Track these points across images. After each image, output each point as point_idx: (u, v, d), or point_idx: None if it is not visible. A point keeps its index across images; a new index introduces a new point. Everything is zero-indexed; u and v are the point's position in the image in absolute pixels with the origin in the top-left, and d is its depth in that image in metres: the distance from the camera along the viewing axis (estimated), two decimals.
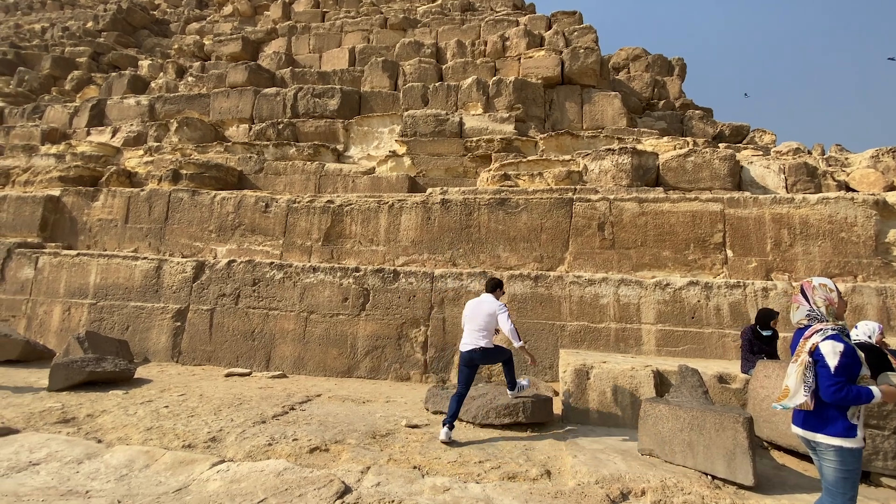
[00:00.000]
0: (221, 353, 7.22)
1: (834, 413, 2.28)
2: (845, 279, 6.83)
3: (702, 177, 7.92)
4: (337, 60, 13.27)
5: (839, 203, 7.04)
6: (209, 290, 7.51)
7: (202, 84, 12.83)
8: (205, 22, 17.70)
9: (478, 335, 4.29)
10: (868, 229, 6.90)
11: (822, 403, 2.30)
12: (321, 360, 7.02)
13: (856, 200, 7.03)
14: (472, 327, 4.35)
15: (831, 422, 2.28)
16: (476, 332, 4.31)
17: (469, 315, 4.42)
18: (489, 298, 4.47)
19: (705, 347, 6.30)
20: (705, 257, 7.19)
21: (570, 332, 6.48)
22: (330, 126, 10.80)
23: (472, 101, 10.63)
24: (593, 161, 8.14)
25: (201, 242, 8.59)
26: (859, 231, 6.91)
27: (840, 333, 2.34)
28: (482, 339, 4.28)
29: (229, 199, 8.66)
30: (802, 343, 2.38)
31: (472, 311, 4.42)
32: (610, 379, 4.66)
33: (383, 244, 8.01)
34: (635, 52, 15.42)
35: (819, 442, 2.31)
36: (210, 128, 11.22)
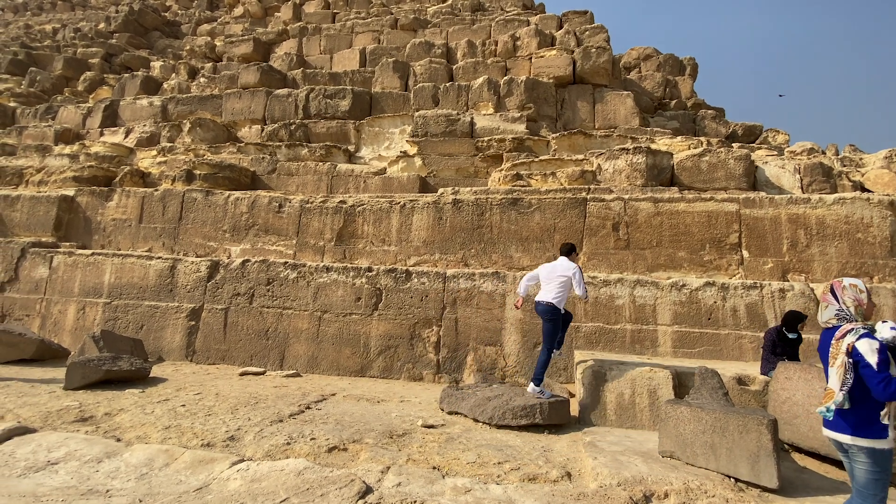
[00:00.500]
0: (236, 353, 7.26)
1: (865, 414, 2.24)
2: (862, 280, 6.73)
3: (717, 177, 7.85)
4: (348, 61, 13.30)
5: (855, 204, 6.94)
6: (223, 290, 7.55)
7: (214, 85, 12.92)
8: (216, 23, 17.83)
9: (551, 293, 4.82)
10: (884, 230, 6.80)
11: (854, 405, 2.26)
12: (335, 360, 7.03)
13: (871, 201, 6.93)
14: (548, 287, 4.87)
15: (863, 423, 2.25)
16: (551, 291, 4.83)
17: (545, 276, 4.95)
18: (564, 261, 4.95)
19: (722, 349, 6.24)
20: (721, 258, 7.13)
21: (584, 334, 6.44)
22: (341, 127, 10.83)
23: (483, 101, 10.60)
24: (607, 160, 8.09)
25: (215, 242, 8.64)
26: (875, 232, 6.82)
27: (870, 332, 2.31)
28: (554, 298, 4.80)
29: (243, 200, 8.71)
30: (835, 344, 2.34)
31: (548, 273, 4.93)
32: (628, 381, 4.62)
33: (395, 244, 8.01)
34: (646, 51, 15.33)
35: (850, 444, 2.27)
36: (223, 128, 11.30)
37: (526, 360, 6.47)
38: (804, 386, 3.86)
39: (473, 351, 6.65)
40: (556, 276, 4.83)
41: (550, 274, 4.91)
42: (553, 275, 4.87)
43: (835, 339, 2.35)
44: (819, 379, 3.81)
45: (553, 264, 5.02)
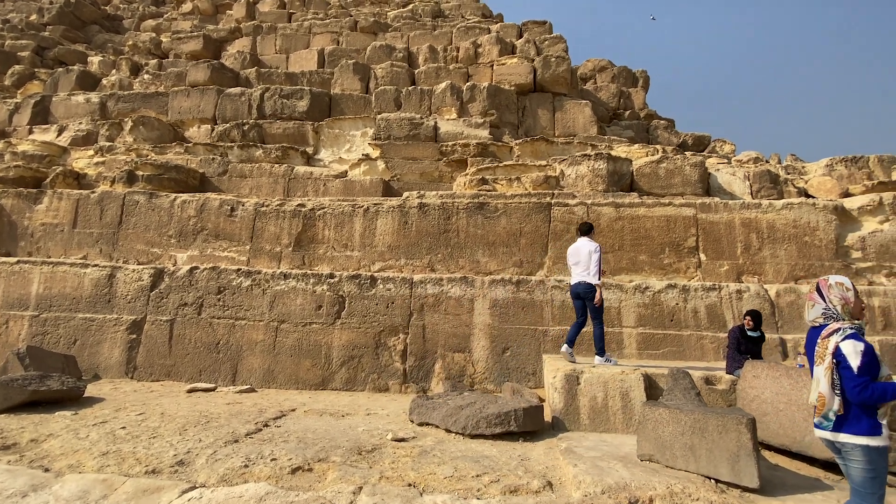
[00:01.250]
0: (182, 368, 6.70)
1: (858, 412, 2.23)
2: (809, 281, 7.10)
3: (674, 183, 8.09)
4: (305, 62, 12.89)
5: (802, 208, 7.34)
6: (169, 300, 6.98)
7: (160, 82, 12.15)
8: (162, 19, 16.86)
9: (584, 273, 5.12)
10: (829, 233, 7.22)
11: (846, 404, 2.25)
12: (293, 373, 6.63)
13: (817, 206, 7.35)
14: (578, 269, 5.17)
15: (855, 421, 2.24)
16: (583, 271, 5.12)
17: (573, 259, 5.25)
18: (586, 240, 5.23)
19: (684, 349, 6.36)
20: (680, 261, 7.32)
21: (552, 337, 6.39)
22: (299, 128, 10.42)
23: (447, 106, 10.53)
24: (570, 166, 8.18)
25: (159, 249, 8.01)
26: (821, 235, 7.22)
27: (858, 332, 2.31)
28: (587, 275, 5.08)
29: (191, 203, 8.14)
30: (821, 344, 2.33)
31: (576, 254, 5.22)
32: (600, 383, 4.57)
33: (358, 249, 7.71)
34: (601, 63, 15.82)
35: (844, 442, 2.26)
36: (168, 128, 10.59)
37: (495, 365, 6.34)
38: (772, 384, 3.94)
39: (442, 358, 6.45)
40: (585, 256, 5.12)
41: (577, 255, 5.19)
42: (580, 255, 5.16)
43: (821, 338, 2.35)
44: (787, 377, 3.89)
45: (576, 246, 5.28)
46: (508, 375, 6.28)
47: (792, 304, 6.56)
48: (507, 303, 6.54)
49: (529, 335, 6.42)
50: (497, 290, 6.58)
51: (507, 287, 6.59)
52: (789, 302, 6.57)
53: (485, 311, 6.53)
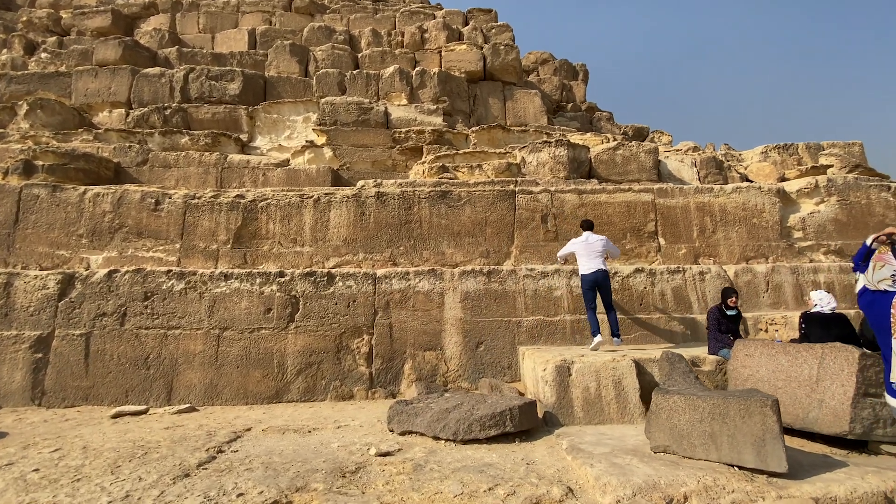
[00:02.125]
0: (104, 389, 5.67)
1: None
2: (759, 261, 7.41)
3: (630, 169, 8.15)
4: (234, 42, 11.73)
5: (750, 192, 7.64)
6: (83, 310, 5.89)
7: (60, 62, 10.49)
8: None
9: (598, 261, 5.57)
10: (774, 215, 7.57)
11: None
12: (241, 386, 5.83)
13: (762, 189, 7.68)
14: (589, 257, 5.59)
15: None
16: (595, 259, 5.57)
17: (584, 250, 5.67)
18: (592, 234, 5.80)
19: (655, 333, 6.34)
20: (641, 245, 7.35)
21: (526, 328, 6.12)
22: (231, 112, 9.40)
23: (396, 92, 9.98)
24: (531, 153, 7.97)
25: (67, 251, 6.80)
26: (767, 217, 7.55)
27: None
28: (602, 263, 5.59)
29: (105, 196, 6.98)
30: None
31: (586, 245, 5.69)
32: (592, 373, 4.33)
33: (309, 244, 7.00)
34: (543, 56, 15.92)
35: None
36: (73, 112, 9.13)
37: (469, 361, 5.96)
38: (768, 361, 3.88)
39: (412, 358, 5.96)
40: (596, 247, 5.65)
41: (589, 248, 5.67)
42: (592, 248, 5.66)
43: None
44: (784, 353, 3.85)
45: (585, 239, 5.77)
46: (483, 371, 5.92)
47: (749, 283, 6.77)
48: (478, 295, 6.17)
49: (503, 327, 6.10)
50: (468, 281, 6.19)
51: (479, 278, 6.22)
52: (746, 281, 6.78)
53: (456, 304, 6.12)
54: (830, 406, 3.59)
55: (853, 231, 7.73)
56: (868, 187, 7.88)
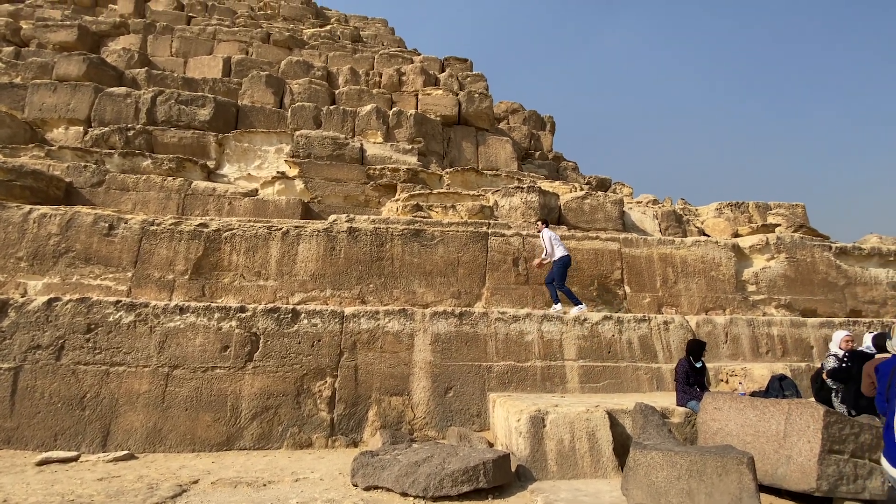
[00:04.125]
0: (30, 431, 5.06)
1: None
2: (717, 312, 7.69)
3: (597, 218, 8.41)
4: (208, 69, 11.57)
5: (708, 245, 8.02)
6: (14, 341, 5.32)
7: (16, 73, 9.97)
8: (23, 5, 14.18)
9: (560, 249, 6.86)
10: (730, 269, 7.95)
11: None
12: (188, 430, 5.35)
13: (719, 244, 8.09)
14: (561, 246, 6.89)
15: None
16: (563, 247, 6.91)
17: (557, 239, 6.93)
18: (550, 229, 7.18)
19: (622, 381, 6.37)
20: (608, 293, 7.50)
21: (497, 374, 6.00)
22: (199, 139, 9.13)
23: (372, 129, 10.04)
24: (503, 197, 8.11)
25: (2, 274, 6.21)
26: (724, 270, 7.92)
27: None
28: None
29: (53, 217, 6.49)
30: None
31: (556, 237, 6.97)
32: (566, 424, 4.24)
33: (274, 278, 6.71)
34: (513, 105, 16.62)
35: None
36: (24, 126, 8.60)
37: (437, 408, 5.74)
38: (737, 416, 3.93)
39: (377, 403, 5.68)
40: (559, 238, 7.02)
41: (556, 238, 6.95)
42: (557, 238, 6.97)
43: None
44: (752, 408, 3.91)
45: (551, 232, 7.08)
46: (452, 419, 5.71)
47: (709, 334, 6.98)
48: (449, 337, 6.03)
49: (473, 372, 5.96)
50: (439, 323, 6.06)
51: (450, 320, 6.10)
52: (707, 332, 6.99)
53: (426, 347, 5.95)
54: (798, 462, 3.64)
55: (800, 286, 8.21)
56: (812, 246, 8.45)
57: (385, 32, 16.75)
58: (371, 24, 16.80)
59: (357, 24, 16.42)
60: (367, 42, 15.13)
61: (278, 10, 15.27)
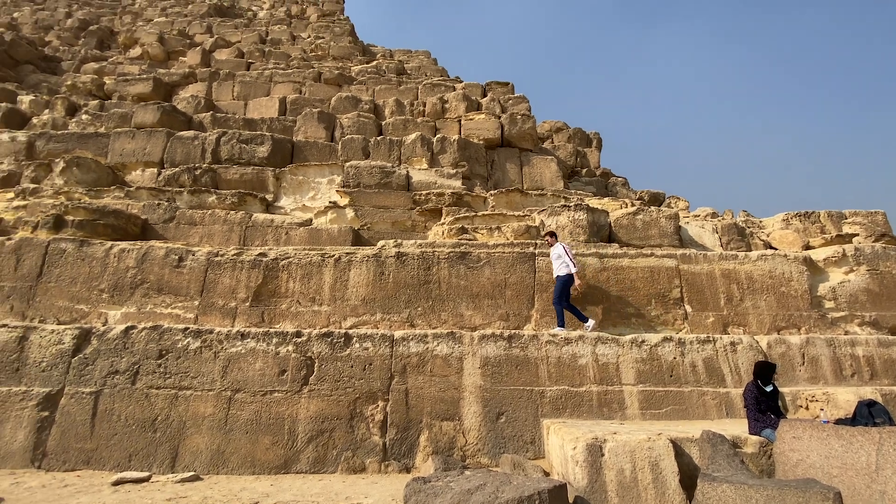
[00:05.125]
0: (107, 452, 5.43)
1: None
2: (791, 331, 7.10)
3: (651, 234, 8.10)
4: (265, 109, 12.40)
5: (776, 260, 7.48)
6: (95, 367, 5.79)
7: (100, 123, 11.14)
8: (106, 63, 15.94)
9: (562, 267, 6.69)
10: (802, 284, 7.35)
11: None
12: (249, 453, 5.54)
13: (788, 257, 7.53)
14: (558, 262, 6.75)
15: None
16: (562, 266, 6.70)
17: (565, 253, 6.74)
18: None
19: (687, 408, 5.98)
20: (666, 313, 7.13)
21: (550, 399, 5.82)
22: (258, 174, 9.74)
23: (417, 157, 10.30)
24: (549, 217, 8.01)
25: (87, 305, 6.82)
26: (796, 286, 7.34)
27: None
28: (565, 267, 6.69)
29: (131, 252, 7.09)
30: None
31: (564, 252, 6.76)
32: (626, 453, 4.02)
33: (328, 304, 6.93)
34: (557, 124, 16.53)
35: None
36: (107, 170, 9.55)
37: (489, 434, 5.62)
38: (819, 445, 3.57)
39: (428, 428, 5.65)
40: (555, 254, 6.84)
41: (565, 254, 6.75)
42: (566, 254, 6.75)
43: None
44: (836, 437, 3.54)
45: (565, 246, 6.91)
46: (504, 445, 5.57)
47: (783, 355, 6.45)
48: (499, 361, 5.95)
49: (525, 397, 5.81)
50: (488, 346, 6.00)
51: (499, 343, 6.02)
52: (780, 353, 6.46)
53: (475, 370, 5.89)
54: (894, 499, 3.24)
55: (887, 301, 7.45)
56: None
57: (428, 63, 17.33)
58: (414, 57, 17.44)
59: (401, 58, 17.11)
60: (411, 74, 15.70)
61: (328, 51, 16.22)
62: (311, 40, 17.26)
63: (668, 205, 13.43)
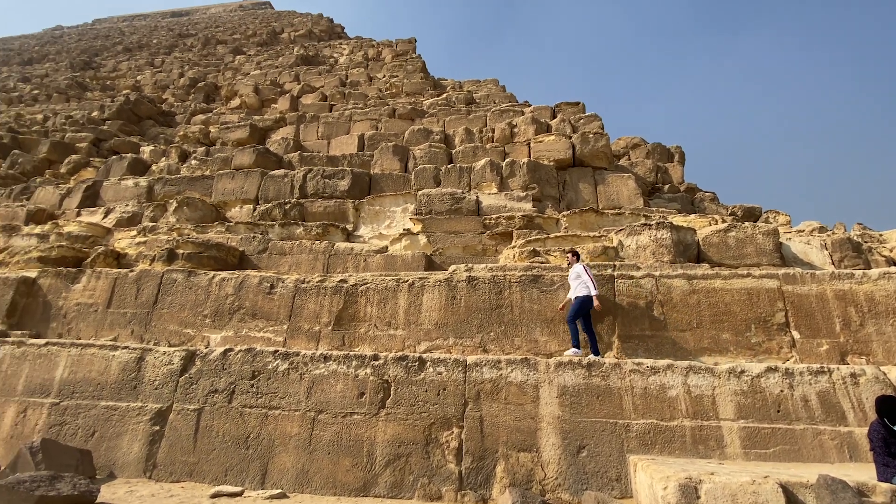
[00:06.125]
0: (207, 466, 5.88)
1: None
2: None
3: (746, 252, 7.42)
4: (346, 146, 13.28)
5: None
6: (198, 386, 6.36)
7: (206, 167, 12.57)
8: (211, 113, 18.08)
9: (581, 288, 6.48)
10: None
11: None
12: (330, 474, 5.72)
13: None
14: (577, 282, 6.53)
15: None
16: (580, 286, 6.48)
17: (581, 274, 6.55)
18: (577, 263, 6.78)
19: (800, 448, 5.26)
20: (770, 339, 6.41)
21: (636, 433, 5.41)
22: (339, 206, 10.36)
23: (486, 182, 10.40)
24: (629, 236, 7.64)
25: (193, 329, 7.56)
26: None
27: None
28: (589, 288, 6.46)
29: (230, 280, 7.80)
30: None
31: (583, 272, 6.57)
32: (727, 497, 3.60)
33: (402, 328, 7.09)
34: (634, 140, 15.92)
35: None
36: (211, 208, 10.69)
37: (569, 469, 5.33)
38: None
39: (504, 459, 5.48)
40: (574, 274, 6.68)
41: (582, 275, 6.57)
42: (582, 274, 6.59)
43: None
44: None
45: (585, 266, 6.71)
46: (587, 481, 5.24)
47: None
48: (577, 390, 5.67)
49: (608, 430, 5.46)
50: (565, 374, 5.75)
51: (577, 371, 5.75)
52: None
53: (552, 399, 5.66)
54: None
55: None
56: None
57: (496, 91, 17.63)
58: (483, 86, 17.83)
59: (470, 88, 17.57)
60: (480, 102, 16.04)
61: (402, 88, 17.11)
62: (386, 79, 18.33)
63: (765, 220, 12.27)
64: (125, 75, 24.52)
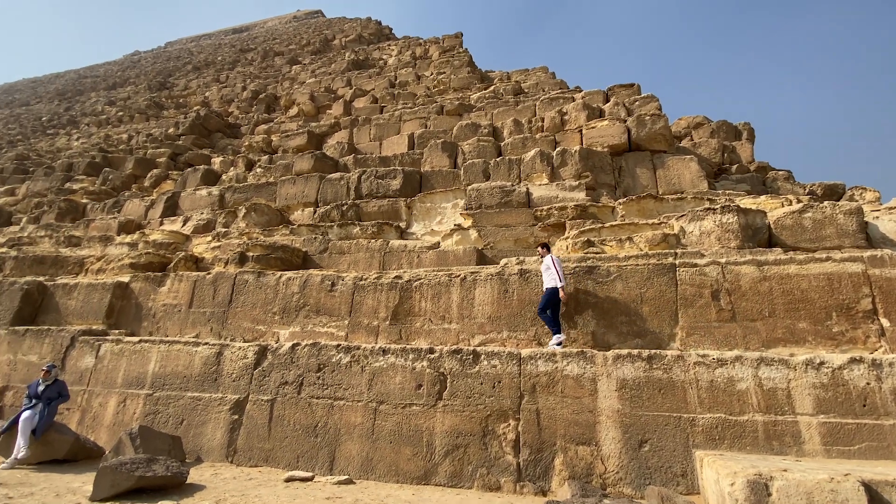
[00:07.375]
0: (280, 452, 6.33)
1: None
2: None
3: (825, 234, 6.83)
4: (397, 146, 13.59)
5: None
6: (270, 378, 6.84)
7: (269, 174, 13.35)
8: (272, 123, 19.14)
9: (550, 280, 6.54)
10: None
11: None
12: (393, 462, 5.97)
13: None
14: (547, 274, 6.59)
15: None
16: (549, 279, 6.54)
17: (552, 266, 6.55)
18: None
19: (889, 445, 4.82)
20: (854, 328, 5.89)
21: (702, 428, 5.19)
22: (392, 205, 10.65)
23: (537, 172, 10.26)
24: (691, 222, 7.28)
25: (264, 326, 8.11)
26: None
27: None
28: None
29: (295, 280, 8.29)
30: None
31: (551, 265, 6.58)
32: (801, 495, 3.39)
33: (456, 321, 7.21)
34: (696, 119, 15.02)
35: None
36: (276, 213, 11.35)
37: (631, 463, 5.21)
38: None
39: (562, 452, 5.46)
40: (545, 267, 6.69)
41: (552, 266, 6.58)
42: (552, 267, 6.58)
43: None
44: None
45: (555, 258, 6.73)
46: (650, 476, 5.11)
47: None
48: (638, 383, 5.52)
49: (672, 424, 5.28)
50: (624, 367, 5.61)
51: (637, 363, 5.60)
52: None
53: (611, 393, 5.55)
54: None
55: None
56: None
57: (546, 79, 17.26)
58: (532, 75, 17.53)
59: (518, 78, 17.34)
60: (528, 92, 15.79)
61: (449, 84, 17.20)
62: (434, 76, 18.50)
63: (850, 197, 11.18)
64: (195, 92, 26.47)
